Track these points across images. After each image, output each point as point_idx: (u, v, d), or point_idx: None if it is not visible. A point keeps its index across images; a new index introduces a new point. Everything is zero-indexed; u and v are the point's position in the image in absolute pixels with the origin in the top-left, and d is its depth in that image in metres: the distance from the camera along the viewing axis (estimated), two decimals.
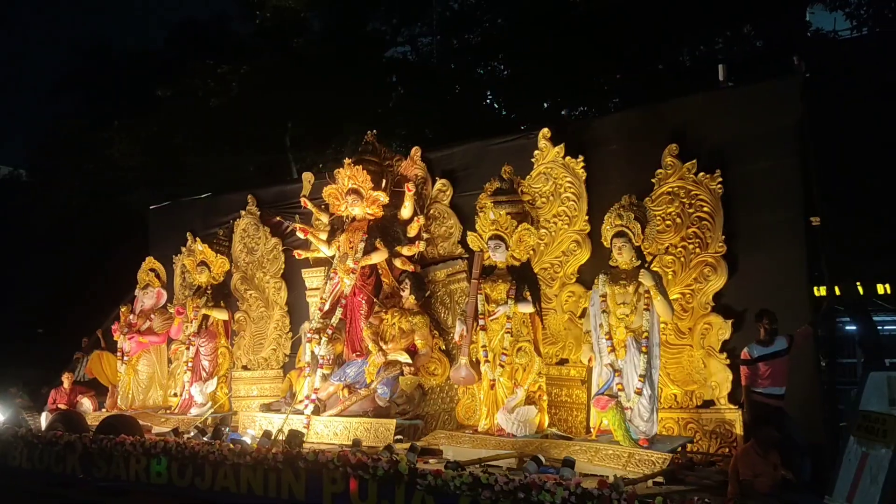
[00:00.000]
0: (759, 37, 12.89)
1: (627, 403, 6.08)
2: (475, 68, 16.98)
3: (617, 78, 13.98)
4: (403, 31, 17.51)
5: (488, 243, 7.05)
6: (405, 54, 17.79)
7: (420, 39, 17.74)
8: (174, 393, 9.95)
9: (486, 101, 16.84)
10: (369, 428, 7.38)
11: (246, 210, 10.05)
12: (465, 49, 16.82)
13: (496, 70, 16.92)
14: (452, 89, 16.52)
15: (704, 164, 6.67)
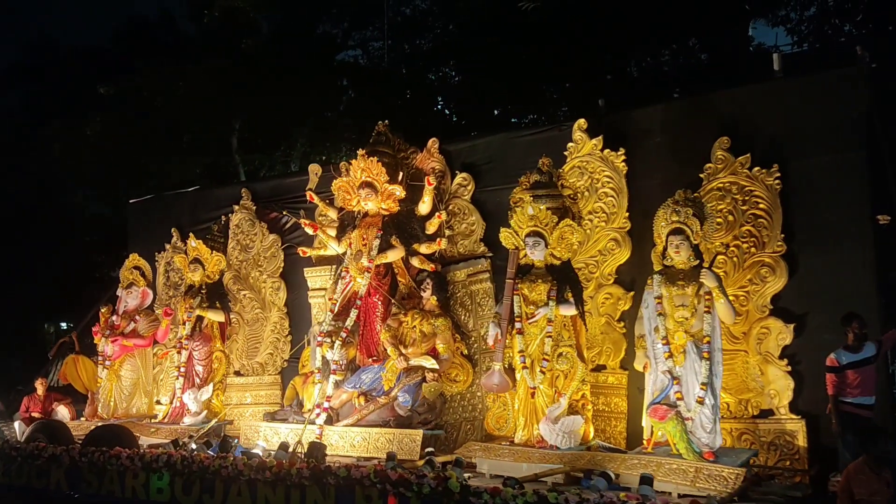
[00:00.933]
0: (703, 50, 13.21)
1: (688, 414, 5.64)
2: (426, 74, 16.96)
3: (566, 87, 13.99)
4: (354, 34, 17.37)
5: (526, 240, 6.55)
6: (356, 58, 17.71)
7: (371, 44, 17.66)
8: (157, 400, 9.26)
9: (437, 106, 16.85)
10: (392, 439, 6.82)
11: (240, 205, 9.38)
12: (416, 54, 16.79)
13: (447, 76, 16.96)
14: (403, 94, 16.44)
15: (758, 158, 6.27)
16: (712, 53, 13.22)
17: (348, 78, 16.97)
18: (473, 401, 7.43)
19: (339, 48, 17.25)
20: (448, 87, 16.75)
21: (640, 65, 13.99)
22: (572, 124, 7.15)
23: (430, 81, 16.95)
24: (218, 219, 9.51)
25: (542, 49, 12.81)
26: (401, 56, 17.15)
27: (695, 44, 13.36)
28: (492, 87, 14.02)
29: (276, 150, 16.05)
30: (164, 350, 9.20)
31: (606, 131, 6.93)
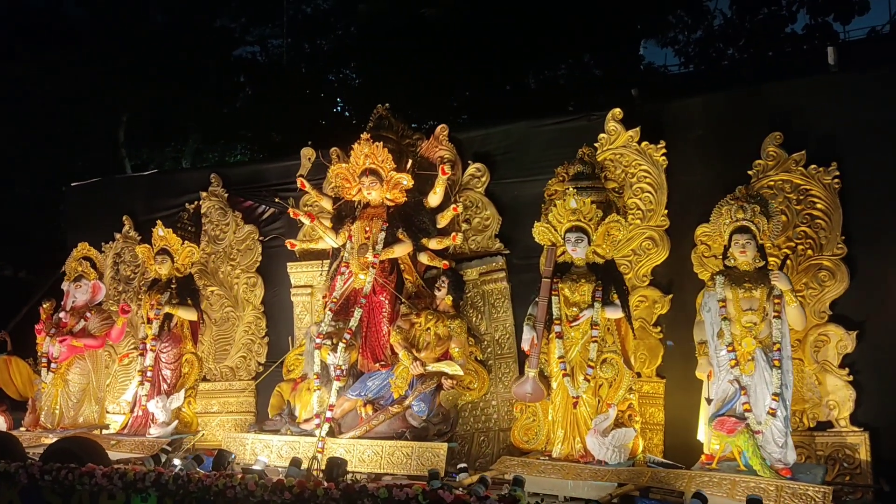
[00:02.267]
0: (597, 66, 13.63)
1: (758, 427, 5.22)
2: (326, 74, 16.74)
3: (466, 95, 14.05)
4: (253, 30, 16.86)
5: (566, 236, 6.02)
6: (254, 54, 17.25)
7: (270, 41, 17.23)
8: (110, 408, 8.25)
9: (336, 108, 16.74)
10: (410, 453, 6.14)
11: (208, 191, 8.46)
12: (316, 54, 16.53)
13: (348, 78, 16.78)
14: (302, 94, 16.07)
15: (812, 156, 5.94)
16: (605, 70, 13.63)
17: (245, 74, 16.51)
18: (488, 410, 6.84)
19: (237, 43, 16.73)
20: (348, 88, 16.55)
21: (537, 77, 14.21)
22: (604, 114, 6.65)
23: (330, 82, 16.76)
24: (182, 206, 8.57)
25: (442, 57, 12.80)
26: (301, 55, 16.79)
27: (589, 60, 13.74)
28: (392, 91, 13.54)
29: (166, 146, 15.51)
30: (125, 352, 8.19)
31: (645, 123, 6.47)
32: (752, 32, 12.95)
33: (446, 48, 12.74)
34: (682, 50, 13.88)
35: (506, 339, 6.90)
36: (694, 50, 13.85)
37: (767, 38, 12.90)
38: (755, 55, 12.82)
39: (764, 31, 12.82)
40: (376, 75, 14.57)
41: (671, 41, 13.82)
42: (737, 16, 13.19)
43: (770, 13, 12.74)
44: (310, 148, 7.80)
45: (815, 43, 12.45)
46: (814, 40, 12.48)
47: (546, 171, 6.89)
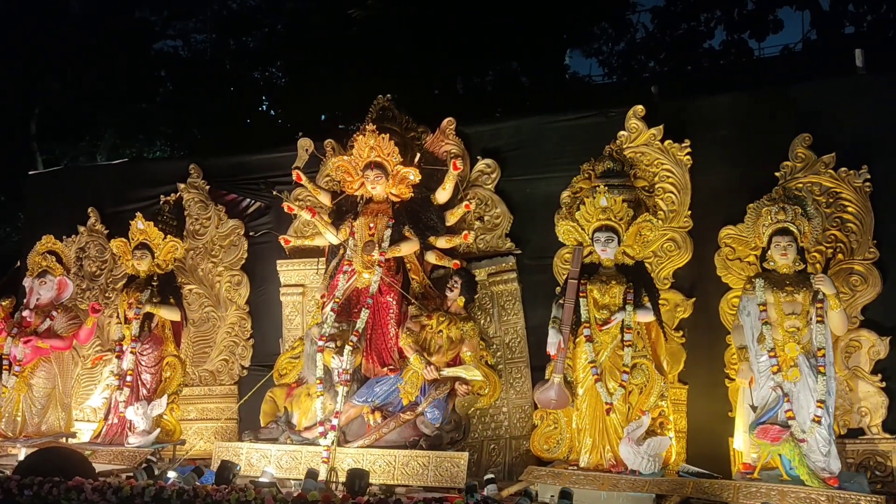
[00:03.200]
0: (524, 73, 13.78)
1: (802, 435, 5.06)
2: (252, 72, 16.40)
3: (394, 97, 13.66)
4: (175, 24, 16.29)
5: (595, 235, 5.77)
6: (176, 49, 16.64)
7: (193, 35, 16.69)
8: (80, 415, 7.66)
9: (261, 107, 16.48)
10: (427, 463, 5.77)
11: (187, 183, 7.92)
12: (242, 51, 16.20)
13: (274, 76, 16.47)
14: (226, 91, 15.75)
15: (842, 158, 5.84)
16: (532, 77, 13.78)
17: (166, 69, 15.97)
18: (498, 417, 6.54)
19: (158, 37, 16.15)
20: (274, 87, 16.23)
21: (465, 83, 14.23)
22: (623, 110, 6.44)
23: (256, 80, 16.40)
24: (156, 198, 8.01)
25: (369, 59, 12.69)
26: (225, 51, 16.35)
27: (517, 67, 13.81)
28: (319, 91, 13.70)
29: (81, 140, 14.87)
30: (98, 354, 7.58)
31: (668, 121, 6.28)
32: (673, 46, 13.36)
33: (374, 51, 12.63)
34: (606, 61, 14.19)
35: (517, 343, 6.62)
36: (617, 61, 14.14)
37: (687, 52, 13.31)
38: (675, 68, 13.26)
39: (683, 45, 13.25)
40: (303, 75, 14.34)
41: (595, 51, 14.10)
42: (658, 30, 13.55)
43: (689, 28, 13.13)
44: (307, 139, 7.36)
45: (731, 59, 12.96)
46: (730, 56, 12.97)
47: (560, 168, 6.66)
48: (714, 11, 12.80)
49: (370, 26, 12.40)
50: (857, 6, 11.74)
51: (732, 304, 5.99)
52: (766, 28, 12.44)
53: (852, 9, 11.79)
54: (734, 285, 6.02)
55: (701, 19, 13.00)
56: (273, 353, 7.37)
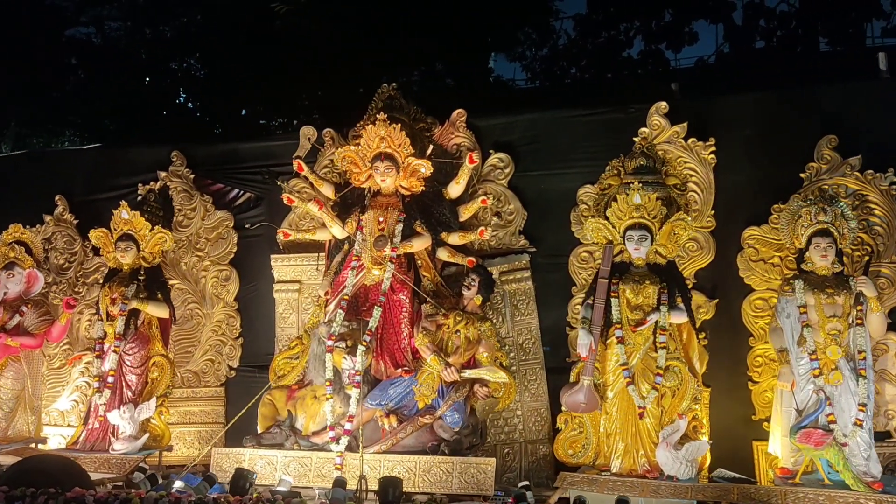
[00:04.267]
0: (449, 75, 13.91)
1: (844, 439, 4.99)
2: (169, 63, 15.90)
3: (318, 94, 13.82)
4: (88, 10, 15.57)
5: (628, 233, 5.61)
6: (89, 36, 16.01)
7: (108, 23, 16.04)
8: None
9: (179, 98, 16.06)
10: (451, 470, 5.51)
11: (169, 171, 7.42)
12: (159, 41, 15.66)
13: (192, 68, 16.03)
14: (141, 81, 15.39)
15: (867, 161, 5.83)
16: (457, 80, 13.88)
17: (78, 57, 15.27)
18: (513, 420, 6.32)
19: (70, 23, 15.37)
20: (192, 79, 15.76)
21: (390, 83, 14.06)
22: (644, 107, 6.29)
23: (173, 71, 15.87)
24: (134, 187, 7.49)
25: (292, 54, 12.53)
26: (141, 40, 15.78)
27: (441, 69, 13.88)
28: (239, 85, 13.46)
29: None
30: (78, 353, 7.02)
31: (692, 119, 6.16)
32: (593, 54, 13.68)
33: (297, 46, 12.42)
34: (529, 66, 14.38)
35: (531, 344, 6.42)
36: (540, 66, 14.35)
37: (607, 60, 13.65)
38: (595, 76, 13.57)
39: (604, 54, 13.62)
40: (223, 68, 14.04)
41: (519, 56, 14.28)
42: (580, 37, 13.84)
43: (610, 37, 13.49)
44: (310, 127, 6.97)
45: (648, 68, 13.30)
46: (648, 66, 13.31)
47: (576, 164, 6.50)
48: (633, 22, 13.20)
49: (293, 21, 12.15)
50: (767, 21, 12.30)
51: (755, 306, 5.95)
52: (682, 40, 12.86)
53: (763, 24, 12.33)
54: (757, 287, 5.96)
55: (621, 29, 13.39)
56: (265, 352, 6.98)
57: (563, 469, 5.80)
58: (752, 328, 5.94)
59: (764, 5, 12.27)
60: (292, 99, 13.67)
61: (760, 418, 5.80)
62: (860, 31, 11.90)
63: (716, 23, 12.79)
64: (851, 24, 11.78)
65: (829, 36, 11.94)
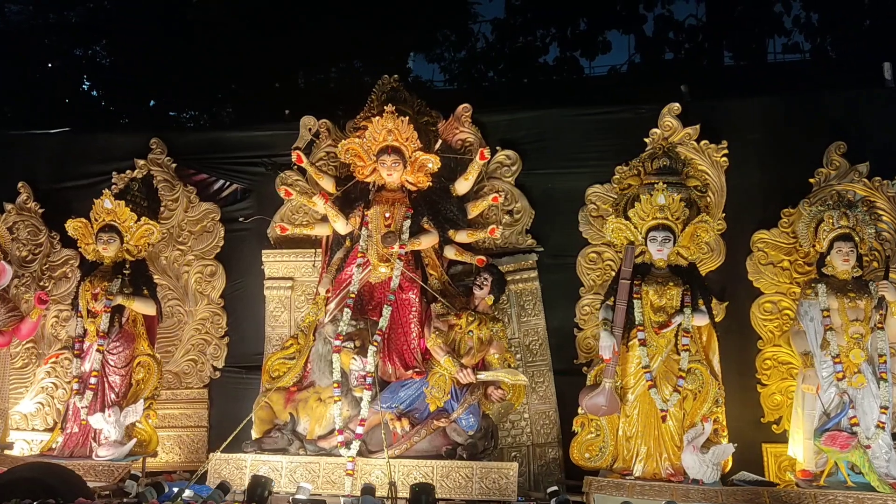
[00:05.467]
0: (366, 73, 13.77)
1: (867, 441, 5.05)
2: (73, 49, 15.24)
3: (232, 88, 13.63)
4: None
5: (651, 234, 5.55)
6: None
7: (9, 6, 15.21)
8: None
9: (83, 86, 15.32)
10: (471, 475, 5.32)
11: (148, 159, 6.99)
12: (63, 26, 14.92)
13: (98, 55, 15.36)
14: (44, 67, 14.64)
15: (875, 168, 5.94)
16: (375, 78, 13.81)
17: None
18: (520, 423, 6.17)
19: None
20: (98, 67, 15.02)
21: (307, 79, 14.18)
22: (654, 108, 6.26)
23: (77, 58, 15.12)
24: (107, 175, 7.02)
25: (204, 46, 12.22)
26: (44, 25, 14.91)
27: (359, 67, 13.86)
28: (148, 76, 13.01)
29: None
30: (54, 351, 6.52)
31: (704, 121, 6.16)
32: (510, 59, 13.84)
33: (210, 37, 12.05)
34: (447, 67, 14.40)
35: (538, 346, 6.29)
36: (458, 68, 14.40)
37: (523, 65, 13.79)
38: (512, 80, 13.71)
39: (520, 58, 13.79)
40: (131, 57, 13.50)
41: (437, 57, 14.29)
42: (497, 41, 13.98)
43: (526, 43, 13.68)
44: (311, 117, 6.66)
45: (563, 75, 13.56)
46: (563, 72, 13.60)
47: (583, 163, 6.43)
48: (550, 28, 13.36)
49: (206, 11, 11.94)
50: (676, 34, 12.59)
51: (764, 309, 5.99)
52: (595, 48, 13.12)
53: (672, 36, 12.63)
54: (766, 290, 6.00)
55: (537, 35, 13.57)
56: (253, 352, 6.66)
57: (575, 473, 5.75)
58: (761, 331, 5.98)
59: (673, 18, 12.63)
60: (205, 91, 13.27)
61: (769, 421, 5.85)
62: (762, 47, 12.28)
63: (628, 33, 13.12)
64: (754, 39, 12.13)
65: (733, 50, 12.38)
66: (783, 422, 5.80)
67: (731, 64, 12.07)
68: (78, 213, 6.68)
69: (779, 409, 5.84)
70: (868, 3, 11.10)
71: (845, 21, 11.28)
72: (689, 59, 12.47)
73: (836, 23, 11.32)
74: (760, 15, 11.81)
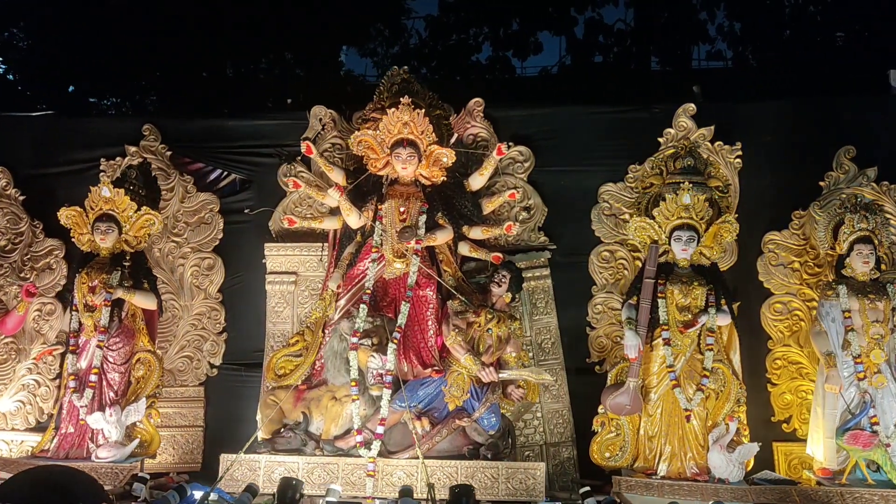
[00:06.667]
0: (298, 65, 13.81)
1: (887, 440, 5.16)
2: None
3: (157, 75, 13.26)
4: None
5: (676, 234, 5.55)
6: None
7: None
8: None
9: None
10: (497, 475, 5.25)
11: (140, 146, 6.68)
12: None
13: (14, 37, 14.73)
14: None
15: (882, 172, 6.07)
16: (307, 70, 13.77)
17: None
18: (533, 423, 6.11)
19: None
20: (14, 50, 14.37)
21: (237, 69, 13.92)
22: (668, 107, 6.28)
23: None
24: (95, 161, 6.68)
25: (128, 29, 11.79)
26: None
27: (290, 58, 13.67)
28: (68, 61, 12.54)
29: None
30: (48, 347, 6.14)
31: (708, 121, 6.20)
32: (444, 56, 13.81)
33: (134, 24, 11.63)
34: (380, 62, 14.29)
35: (550, 344, 6.23)
36: (391, 64, 14.27)
37: (456, 63, 13.79)
38: (445, 77, 13.69)
39: (453, 56, 13.77)
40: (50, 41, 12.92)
41: (370, 52, 14.23)
42: (431, 38, 13.92)
43: (460, 41, 13.68)
44: (322, 107, 6.46)
45: (495, 74, 13.66)
46: (495, 71, 13.70)
47: (596, 162, 6.41)
48: (482, 27, 13.40)
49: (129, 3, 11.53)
50: (605, 38, 12.84)
51: (774, 310, 6.08)
52: (527, 49, 13.20)
53: (602, 40, 12.87)
54: (776, 290, 6.08)
55: (470, 33, 13.59)
56: (253, 349, 6.43)
57: (589, 472, 5.73)
58: (771, 331, 6.06)
59: (603, 22, 12.80)
60: (128, 79, 12.72)
61: (779, 420, 5.93)
62: (687, 54, 12.58)
63: (559, 35, 13.17)
64: (679, 46, 12.41)
65: (659, 55, 12.60)
66: (793, 421, 5.89)
67: (657, 69, 12.23)
68: (62, 200, 6.32)
69: (789, 409, 5.93)
70: (788, 15, 11.44)
71: (766, 31, 11.52)
72: (617, 63, 12.64)
73: (758, 32, 11.57)
74: (686, 22, 12.06)
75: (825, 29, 11.14)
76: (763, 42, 11.67)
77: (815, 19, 11.15)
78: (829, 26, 11.10)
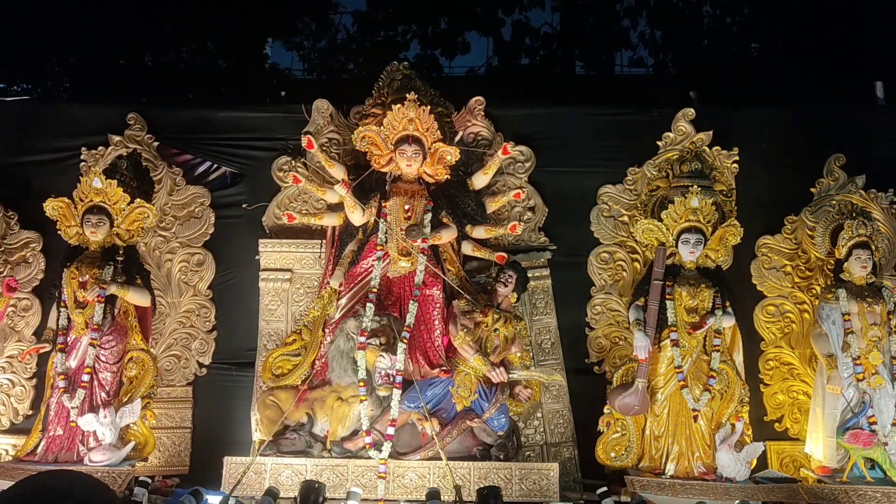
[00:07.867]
0: (220, 56, 13.58)
1: (884, 439, 5.34)
2: None
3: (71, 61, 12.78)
4: None
5: (683, 236, 5.62)
6: None
7: None
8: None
9: None
10: (510, 476, 5.22)
11: (125, 136, 6.41)
12: None
13: None
14: None
15: (870, 180, 6.28)
16: (230, 61, 13.46)
17: None
18: (533, 423, 6.10)
19: None
20: None
21: (157, 59, 13.52)
22: (667, 111, 6.37)
23: None
24: (75, 151, 6.39)
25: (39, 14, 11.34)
26: None
27: (213, 49, 13.39)
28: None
29: None
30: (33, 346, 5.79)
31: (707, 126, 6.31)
32: (371, 52, 13.58)
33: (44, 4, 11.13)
34: (307, 56, 14.02)
35: (549, 344, 6.23)
36: (317, 58, 14.05)
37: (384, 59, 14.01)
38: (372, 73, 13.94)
39: (381, 52, 13.25)
40: None
41: (297, 45, 13.86)
42: (358, 34, 13.84)
43: (388, 38, 13.60)
44: (325, 100, 6.31)
45: (423, 72, 13.77)
46: (423, 70, 13.17)
47: (595, 163, 6.46)
48: (411, 25, 13.34)
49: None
50: (532, 40, 12.93)
51: (767, 312, 6.23)
52: (455, 48, 13.18)
53: (528, 42, 12.97)
54: (769, 293, 6.24)
55: (398, 30, 13.51)
56: (245, 348, 6.25)
57: (590, 472, 5.76)
58: (764, 333, 6.20)
59: (530, 25, 12.86)
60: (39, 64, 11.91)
61: (771, 419, 6.08)
62: (611, 59, 12.87)
63: (486, 36, 13.17)
64: (602, 51, 12.66)
65: (584, 60, 12.78)
66: (785, 420, 6.05)
67: (582, 73, 12.44)
68: (39, 190, 6.08)
69: (781, 409, 6.08)
70: (707, 25, 11.79)
71: (685, 40, 11.81)
72: (543, 66, 12.73)
73: (678, 41, 11.85)
74: (609, 28, 12.24)
75: (741, 40, 11.44)
76: (683, 50, 11.91)
77: (732, 30, 11.47)
78: (744, 38, 11.42)
